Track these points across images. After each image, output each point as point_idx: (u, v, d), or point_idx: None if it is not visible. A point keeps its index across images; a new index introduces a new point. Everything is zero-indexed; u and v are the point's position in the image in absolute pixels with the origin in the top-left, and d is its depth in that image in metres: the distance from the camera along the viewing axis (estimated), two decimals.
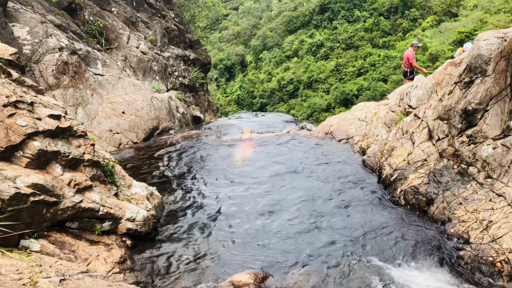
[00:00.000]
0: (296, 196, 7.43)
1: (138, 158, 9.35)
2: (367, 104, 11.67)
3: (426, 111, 7.98)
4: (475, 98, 6.31)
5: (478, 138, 6.29)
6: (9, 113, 4.61)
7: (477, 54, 6.45)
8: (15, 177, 4.37)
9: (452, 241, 5.71)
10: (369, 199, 7.30)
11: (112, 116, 10.85)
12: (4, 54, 5.57)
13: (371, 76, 52.10)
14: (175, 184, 7.83)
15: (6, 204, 4.11)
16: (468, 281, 4.97)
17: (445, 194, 6.45)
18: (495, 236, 5.25)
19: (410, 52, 14.74)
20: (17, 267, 3.79)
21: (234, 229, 6.35)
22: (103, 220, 5.37)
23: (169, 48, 16.00)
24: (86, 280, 4.13)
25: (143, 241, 5.75)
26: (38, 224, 4.61)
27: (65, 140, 5.29)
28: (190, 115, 15.10)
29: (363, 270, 5.20)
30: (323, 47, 61.42)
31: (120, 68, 12.92)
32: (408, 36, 54.48)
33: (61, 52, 10.27)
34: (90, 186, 5.35)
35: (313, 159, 9.26)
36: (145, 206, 6.09)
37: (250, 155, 9.63)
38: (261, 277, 4.70)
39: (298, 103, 55.60)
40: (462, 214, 5.91)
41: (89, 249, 4.93)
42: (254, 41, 71.00)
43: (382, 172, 8.03)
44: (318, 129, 11.66)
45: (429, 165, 7.10)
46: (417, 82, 9.25)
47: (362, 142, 9.87)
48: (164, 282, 4.87)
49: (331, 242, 5.96)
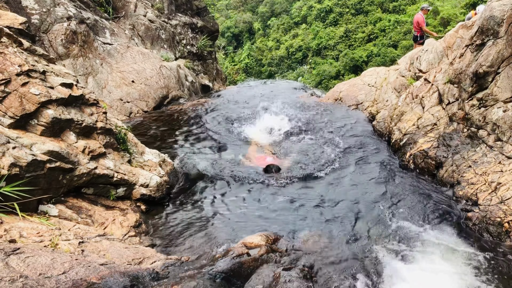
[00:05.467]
0: (304, 161, 7.52)
1: (149, 126, 9.44)
2: (377, 69, 11.57)
3: (436, 75, 7.92)
4: (487, 60, 6.25)
5: (489, 101, 6.26)
6: (22, 82, 4.68)
7: (489, 16, 6.34)
8: (31, 144, 4.48)
9: (461, 203, 5.78)
10: (378, 163, 7.35)
11: (122, 85, 10.90)
12: (14, 23, 5.60)
13: (381, 42, 51.20)
14: (187, 151, 7.93)
15: (24, 171, 4.24)
16: (476, 241, 5.06)
17: (454, 157, 6.48)
18: (503, 197, 5.31)
19: (420, 16, 14.45)
20: (37, 230, 3.94)
21: (247, 194, 6.47)
22: (118, 186, 5.51)
23: (177, 16, 15.84)
24: (104, 242, 4.29)
25: (156, 206, 5.90)
26: (55, 190, 4.75)
27: (77, 108, 5.37)
28: (199, 84, 15.09)
29: (370, 230, 5.31)
30: (332, 13, 60.24)
31: (128, 37, 12.87)
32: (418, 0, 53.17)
33: (69, 21, 10.24)
34: (104, 153, 5.46)
35: (322, 125, 9.29)
36: (158, 173, 6.22)
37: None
38: (272, 239, 4.83)
39: (307, 71, 55.06)
40: (471, 177, 5.95)
41: (105, 214, 5.09)
42: (261, 7, 69.77)
43: (392, 137, 8.05)
44: (328, 95, 11.62)
45: (439, 129, 7.10)
46: (428, 46, 9.14)
47: (371, 107, 9.85)
48: (178, 245, 5.03)
49: (339, 207, 6.06)
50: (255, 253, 4.16)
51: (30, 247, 3.36)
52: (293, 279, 3.72)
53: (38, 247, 3.47)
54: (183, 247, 4.97)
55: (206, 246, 4.99)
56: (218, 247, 4.90)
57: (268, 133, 8.87)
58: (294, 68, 57.70)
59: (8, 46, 4.91)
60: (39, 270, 3.01)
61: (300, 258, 4.51)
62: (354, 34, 56.02)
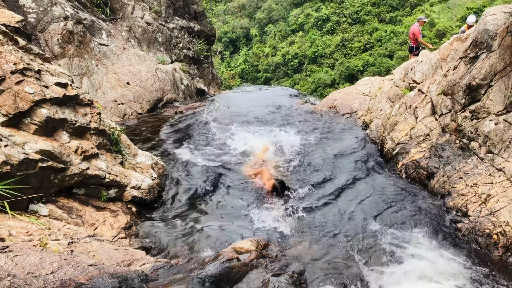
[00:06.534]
0: (292, 170, 7.54)
1: (142, 128, 9.43)
2: (371, 79, 11.64)
3: (430, 86, 7.99)
4: (480, 73, 6.32)
5: (481, 114, 6.33)
6: (17, 80, 4.67)
7: (483, 29, 6.42)
8: (24, 143, 4.46)
9: (451, 213, 5.82)
10: (370, 172, 7.39)
11: (116, 86, 10.89)
12: (10, 21, 5.59)
13: (376, 52, 51.52)
14: (179, 154, 7.92)
15: (15, 169, 4.22)
16: (465, 252, 5.09)
17: (445, 168, 6.53)
18: (493, 209, 5.36)
19: (416, 27, 14.57)
20: (27, 229, 3.92)
21: (239, 199, 6.47)
22: (109, 188, 5.50)
23: (174, 19, 15.87)
24: (94, 243, 4.27)
25: (148, 208, 5.88)
26: (46, 190, 4.73)
27: (72, 108, 5.36)
28: (194, 88, 15.10)
29: (360, 238, 5.34)
30: (329, 22, 60.58)
31: (125, 38, 12.87)
32: (415, 11, 53.54)
33: (66, 21, 10.24)
34: (96, 154, 5.45)
35: (316, 133, 9.32)
36: (150, 175, 6.21)
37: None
38: (262, 244, 4.84)
39: (303, 78, 55.21)
40: (462, 188, 6.00)
41: (95, 215, 5.07)
42: (259, 14, 70.04)
43: (384, 146, 8.09)
44: (322, 103, 11.67)
45: (431, 140, 7.16)
46: (422, 57, 9.22)
47: (365, 116, 9.91)
48: (168, 247, 5.01)
49: (329, 214, 6.08)
50: (245, 258, 4.16)
51: (19, 246, 3.35)
52: (282, 285, 3.73)
53: (27, 246, 3.46)
54: (173, 250, 4.96)
55: (196, 250, 4.99)
56: (208, 251, 4.89)
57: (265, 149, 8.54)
58: (290, 75, 57.83)
59: (4, 44, 4.90)
60: (27, 269, 3.00)
61: (290, 264, 4.52)
62: (350, 43, 56.33)
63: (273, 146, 8.43)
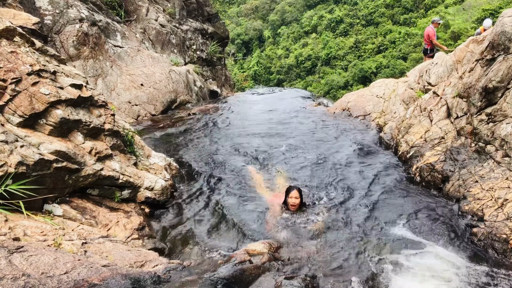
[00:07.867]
0: (307, 173, 7.50)
1: (156, 129, 9.47)
2: (385, 81, 11.57)
3: (445, 88, 7.90)
4: (497, 75, 6.22)
5: (498, 117, 6.23)
6: (33, 81, 4.72)
7: (500, 31, 6.33)
8: (39, 143, 4.50)
9: (466, 218, 5.74)
10: (384, 175, 7.32)
11: (131, 88, 10.96)
12: (27, 23, 5.66)
13: (390, 54, 51.22)
14: (193, 155, 7.94)
15: (30, 169, 4.26)
16: (480, 257, 5.01)
17: (461, 172, 6.44)
18: (510, 214, 5.26)
19: (430, 29, 14.44)
20: (41, 229, 3.95)
21: (251, 202, 6.46)
22: (123, 188, 5.52)
23: (188, 21, 15.95)
24: (107, 244, 4.29)
25: (161, 209, 5.90)
26: (60, 190, 4.76)
27: (86, 109, 5.40)
28: (207, 89, 15.15)
29: (374, 242, 5.28)
30: (342, 23, 60.43)
31: (139, 40, 12.97)
32: (430, 13, 53.12)
33: (81, 23, 10.34)
34: (110, 155, 5.48)
35: (330, 135, 9.28)
36: (163, 176, 6.23)
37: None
38: (275, 247, 4.81)
39: (316, 80, 55.12)
40: (478, 192, 5.91)
41: (109, 216, 5.09)
42: (272, 16, 70.13)
43: (398, 149, 8.02)
44: (335, 105, 11.63)
45: (446, 143, 7.07)
46: (438, 59, 9.12)
47: (379, 119, 9.83)
48: (180, 249, 5.02)
49: (342, 217, 6.03)
50: (258, 261, 4.14)
51: (33, 246, 3.37)
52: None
53: (41, 246, 3.48)
54: (185, 251, 4.97)
55: (208, 252, 4.99)
56: (220, 253, 4.89)
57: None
58: (303, 77, 57.77)
59: (21, 46, 4.96)
60: (41, 269, 3.02)
61: (302, 268, 4.49)
62: (363, 45, 56.10)
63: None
